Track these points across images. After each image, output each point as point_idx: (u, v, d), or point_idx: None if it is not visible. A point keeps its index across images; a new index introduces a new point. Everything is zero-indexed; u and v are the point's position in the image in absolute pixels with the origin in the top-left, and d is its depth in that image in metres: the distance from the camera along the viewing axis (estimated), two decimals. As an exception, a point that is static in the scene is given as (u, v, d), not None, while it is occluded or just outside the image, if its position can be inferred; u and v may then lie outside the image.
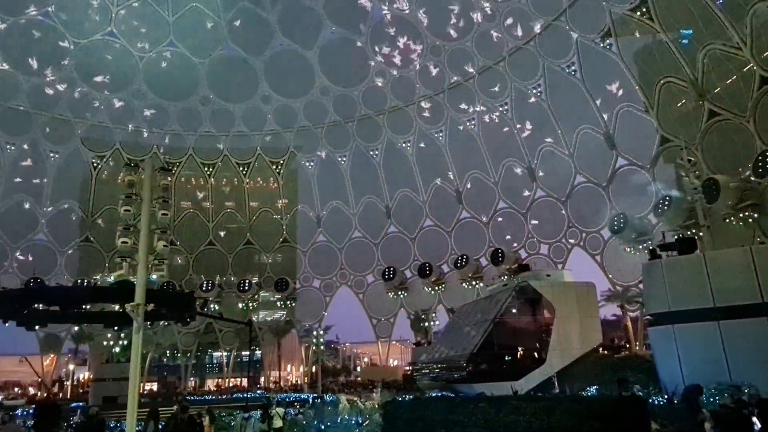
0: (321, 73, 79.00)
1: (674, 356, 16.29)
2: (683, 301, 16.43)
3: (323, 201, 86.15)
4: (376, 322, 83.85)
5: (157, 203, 14.05)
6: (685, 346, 16.17)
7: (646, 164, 59.47)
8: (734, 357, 15.09)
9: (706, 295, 16.01)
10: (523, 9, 63.51)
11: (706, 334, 15.84)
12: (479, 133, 74.73)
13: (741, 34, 45.68)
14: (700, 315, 15.95)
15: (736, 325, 15.48)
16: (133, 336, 12.98)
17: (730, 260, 16.74)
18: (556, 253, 70.40)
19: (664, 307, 16.79)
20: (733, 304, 15.53)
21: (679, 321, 16.43)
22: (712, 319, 15.75)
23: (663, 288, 16.98)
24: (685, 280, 16.69)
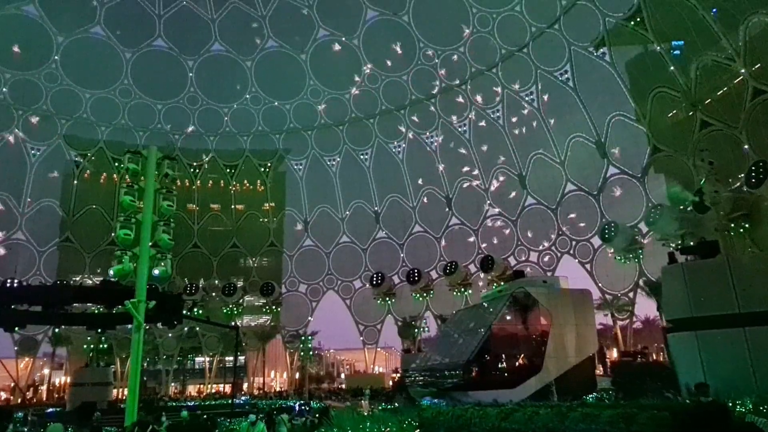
0: (313, 75, 78.19)
1: (697, 363, 15.78)
2: (707, 307, 15.94)
3: (311, 205, 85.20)
4: (363, 329, 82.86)
5: (160, 193, 13.10)
6: (708, 353, 15.68)
7: (637, 173, 59.68)
8: (760, 365, 14.66)
9: (730, 300, 15.56)
10: (516, 16, 63.54)
11: (731, 341, 15.38)
12: (470, 139, 74.49)
13: (734, 46, 46.07)
14: (725, 321, 15.49)
15: (762, 331, 15.05)
16: (133, 335, 12.05)
17: (756, 265, 16.38)
18: (545, 261, 70.29)
19: (686, 312, 16.26)
20: (759, 310, 15.11)
21: (702, 327, 15.95)
22: (738, 325, 15.31)
23: (684, 293, 16.48)
24: (709, 285, 16.22)
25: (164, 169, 13.16)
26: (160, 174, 13.13)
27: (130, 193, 12.69)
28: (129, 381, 11.82)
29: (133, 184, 12.84)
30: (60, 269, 75.55)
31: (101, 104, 75.96)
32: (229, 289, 78.51)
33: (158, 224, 12.79)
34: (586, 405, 9.88)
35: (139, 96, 77.33)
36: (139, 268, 12.10)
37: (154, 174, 12.83)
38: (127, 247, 12.51)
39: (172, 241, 13.13)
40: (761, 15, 43.85)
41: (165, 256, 12.87)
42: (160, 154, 13.44)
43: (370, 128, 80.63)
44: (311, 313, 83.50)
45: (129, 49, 74.95)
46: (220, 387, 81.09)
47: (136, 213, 12.82)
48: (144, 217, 12.38)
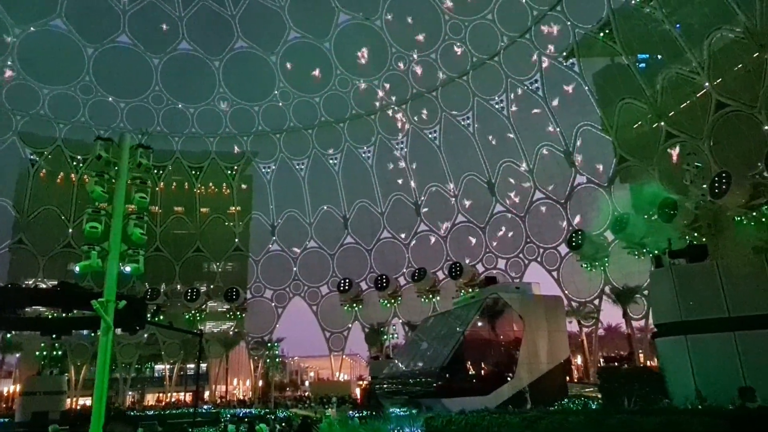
0: (282, 77, 77.02)
1: (687, 367, 15.71)
2: (696, 311, 15.89)
3: (278, 209, 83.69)
4: (330, 335, 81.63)
5: (133, 184, 12.14)
6: (699, 357, 15.62)
7: (604, 182, 60.74)
8: (750, 369, 14.66)
9: (720, 304, 15.55)
10: (488, 25, 64.07)
11: (721, 345, 15.37)
12: (441, 146, 74.60)
13: (699, 60, 47.40)
14: (715, 325, 15.46)
15: (752, 336, 15.07)
16: (101, 338, 11.03)
17: (745, 269, 16.44)
18: (513, 267, 70.74)
19: (676, 316, 16.19)
20: (749, 314, 15.14)
21: (692, 331, 15.88)
22: (728, 329, 15.30)
23: (673, 297, 16.41)
24: (698, 289, 16.21)
25: (138, 158, 12.20)
26: (134, 163, 12.16)
27: (101, 184, 11.66)
28: (95, 389, 10.80)
29: (104, 174, 11.82)
30: (11, 272, 71.94)
31: (60, 100, 72.95)
32: (192, 295, 76.25)
33: (130, 217, 11.81)
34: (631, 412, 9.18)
35: (101, 93, 74.63)
36: (108, 264, 11.11)
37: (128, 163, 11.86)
38: (94, 242, 11.48)
39: (144, 236, 12.16)
40: (724, 30, 45.30)
41: (137, 252, 11.88)
42: (134, 142, 12.48)
43: (339, 132, 79.90)
44: (277, 320, 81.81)
45: (91, 44, 72.30)
46: (180, 396, 78.42)
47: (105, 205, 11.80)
48: (115, 209, 11.40)
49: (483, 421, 9.55)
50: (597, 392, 37.47)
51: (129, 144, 12.17)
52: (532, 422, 8.85)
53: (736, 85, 44.72)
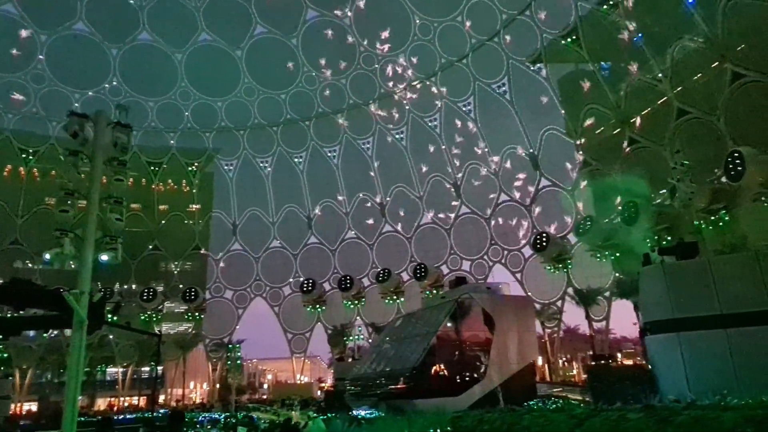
0: (247, 73, 75.27)
1: (679, 365, 15.72)
2: (688, 308, 15.92)
3: (241, 207, 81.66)
4: (291, 337, 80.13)
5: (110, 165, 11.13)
6: (691, 355, 15.64)
7: (568, 185, 61.79)
8: (742, 365, 14.76)
9: (712, 301, 15.62)
10: (458, 27, 64.32)
11: (713, 342, 15.42)
12: (407, 146, 74.44)
13: (662, 68, 48.73)
14: (707, 322, 15.51)
15: (744, 333, 15.18)
16: (74, 334, 10.01)
17: (736, 266, 16.61)
18: (477, 269, 71.14)
19: (667, 314, 16.18)
20: (740, 311, 15.25)
21: (684, 329, 15.89)
22: (720, 326, 15.37)
23: (665, 295, 16.41)
24: (690, 287, 16.26)
25: (114, 137, 11.19)
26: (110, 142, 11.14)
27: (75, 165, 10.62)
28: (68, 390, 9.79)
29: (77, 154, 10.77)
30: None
31: (9, 90, 69.03)
32: (148, 295, 73.44)
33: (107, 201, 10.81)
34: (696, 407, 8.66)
35: (54, 83, 71.08)
36: (83, 252, 10.10)
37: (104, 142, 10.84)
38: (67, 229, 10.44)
39: (121, 221, 11.17)
40: (686, 40, 46.73)
41: (114, 240, 10.89)
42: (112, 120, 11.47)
43: (305, 131, 78.70)
44: (237, 321, 79.78)
45: (45, 31, 68.78)
46: (134, 400, 75.33)
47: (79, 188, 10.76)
48: (90, 193, 10.39)
49: (521, 420, 8.88)
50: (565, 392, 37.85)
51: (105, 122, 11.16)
52: (581, 420, 8.22)
53: (696, 93, 46.11)
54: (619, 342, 78.46)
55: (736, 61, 42.00)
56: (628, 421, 7.94)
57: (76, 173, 10.48)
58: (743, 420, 7.33)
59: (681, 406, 8.28)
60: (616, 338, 76.84)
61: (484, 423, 9.60)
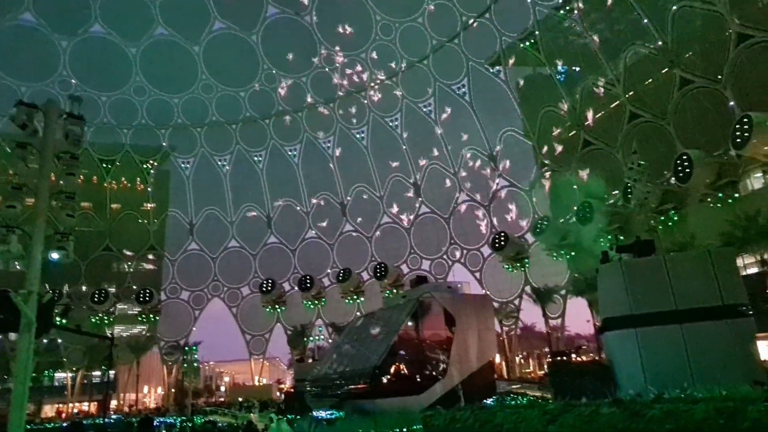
0: (205, 69, 73.62)
1: (636, 360, 16.19)
2: (645, 305, 16.45)
3: (198, 206, 79.79)
4: (250, 338, 78.88)
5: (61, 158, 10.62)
6: (648, 350, 16.15)
7: (525, 186, 63.04)
8: (697, 360, 15.34)
9: (668, 298, 16.17)
10: (419, 28, 64.70)
11: (669, 338, 15.96)
12: (368, 146, 74.40)
13: (615, 73, 50.34)
14: (663, 318, 16.06)
15: (698, 328, 15.79)
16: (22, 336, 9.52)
17: (690, 263, 17.26)
18: (437, 268, 71.75)
19: (626, 310, 16.66)
20: (694, 307, 15.85)
21: (641, 324, 16.40)
22: (675, 322, 15.94)
23: (623, 291, 16.90)
24: (647, 283, 16.79)
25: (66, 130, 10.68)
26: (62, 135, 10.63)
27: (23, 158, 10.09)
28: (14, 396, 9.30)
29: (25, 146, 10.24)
30: None
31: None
32: (100, 296, 70.86)
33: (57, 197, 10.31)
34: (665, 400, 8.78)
35: None
36: (31, 250, 9.61)
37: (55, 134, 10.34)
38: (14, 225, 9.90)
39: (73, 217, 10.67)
40: (638, 46, 48.42)
41: (65, 237, 10.40)
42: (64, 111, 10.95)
43: (265, 129, 77.62)
44: (194, 322, 77.96)
45: (-13, 20, 65.51)
46: (84, 406, 72.57)
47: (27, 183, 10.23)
48: (40, 188, 9.89)
49: (495, 417, 8.86)
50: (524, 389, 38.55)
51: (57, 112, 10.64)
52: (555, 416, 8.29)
53: (647, 97, 47.85)
54: (574, 339, 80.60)
55: (684, 67, 43.84)
56: (601, 416, 8.08)
57: (25, 167, 9.95)
58: (714, 412, 7.56)
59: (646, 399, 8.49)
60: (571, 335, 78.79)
61: (456, 421, 9.60)
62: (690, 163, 40.55)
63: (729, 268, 16.97)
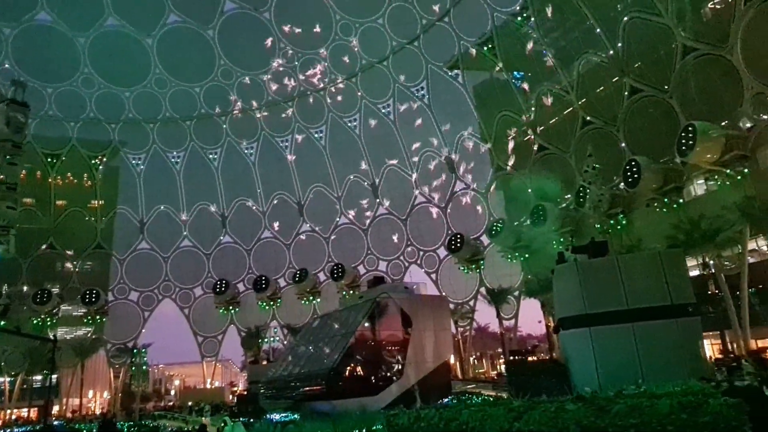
0: (159, 63, 71.44)
1: (590, 358, 16.60)
2: (599, 304, 16.90)
3: (149, 204, 77.33)
4: (202, 340, 76.96)
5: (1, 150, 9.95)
6: (601, 348, 16.58)
7: (481, 189, 63.99)
8: (646, 358, 15.88)
9: (620, 297, 16.67)
10: (379, 29, 64.75)
11: (621, 336, 16.45)
12: (326, 146, 73.92)
13: (569, 80, 51.76)
14: (616, 317, 16.55)
15: (647, 326, 16.34)
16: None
17: (641, 264, 17.83)
18: (394, 269, 71.94)
19: (580, 309, 17.08)
20: (645, 306, 16.40)
21: (595, 324, 16.84)
22: (627, 321, 16.44)
23: (578, 291, 17.32)
24: (601, 283, 17.26)
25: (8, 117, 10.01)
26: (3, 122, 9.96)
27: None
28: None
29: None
30: None
31: None
32: (42, 297, 67.67)
33: None
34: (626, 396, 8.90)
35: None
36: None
37: None
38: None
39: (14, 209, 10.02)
40: (590, 55, 49.98)
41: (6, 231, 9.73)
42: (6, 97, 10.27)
43: (220, 126, 76.00)
44: (143, 324, 75.46)
45: None
46: (23, 412, 69.08)
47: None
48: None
49: (460, 415, 8.82)
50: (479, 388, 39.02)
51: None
52: (521, 414, 8.32)
53: (599, 104, 49.44)
54: (525, 339, 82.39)
55: (634, 76, 45.51)
56: (566, 412, 8.21)
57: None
58: (678, 406, 7.81)
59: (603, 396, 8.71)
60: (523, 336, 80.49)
61: (421, 420, 9.54)
62: (638, 168, 42.12)
63: (678, 270, 17.71)
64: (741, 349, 37.90)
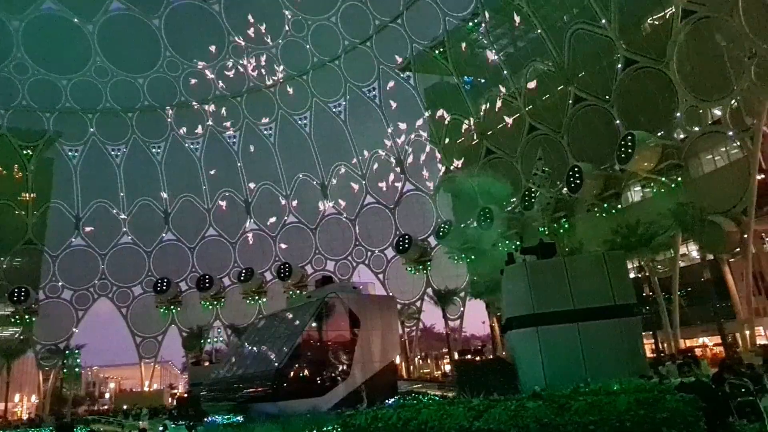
0: (99, 51, 68.27)
1: (537, 357, 17.00)
2: (547, 304, 17.35)
3: (86, 198, 73.76)
4: (141, 341, 74.12)
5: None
6: (548, 347, 17.01)
7: (430, 190, 64.70)
8: (590, 357, 16.45)
9: (567, 297, 17.17)
10: (331, 27, 64.38)
11: (567, 336, 16.93)
12: (276, 143, 72.80)
13: (516, 86, 53.13)
14: (562, 317, 17.02)
15: (592, 326, 16.92)
16: None
17: (587, 265, 18.43)
18: (342, 269, 71.65)
19: (529, 309, 17.50)
20: (589, 307, 16.96)
21: (543, 323, 17.27)
22: (573, 320, 16.95)
23: (527, 291, 17.72)
24: (549, 283, 17.73)
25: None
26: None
27: None
28: None
29: None
30: None
31: None
32: (-35, 295, 63.47)
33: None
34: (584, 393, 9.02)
35: None
36: None
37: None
38: None
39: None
40: (538, 63, 51.48)
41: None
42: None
43: (164, 119, 73.49)
44: (76, 324, 71.94)
45: None
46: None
47: None
48: None
49: (419, 414, 8.72)
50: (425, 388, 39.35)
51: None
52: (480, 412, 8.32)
53: (545, 111, 50.96)
54: (469, 340, 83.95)
55: (578, 85, 47.20)
56: (527, 410, 8.34)
57: None
58: (636, 403, 8.10)
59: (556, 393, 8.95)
60: (467, 336, 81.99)
61: (379, 420, 9.43)
62: (581, 174, 43.76)
63: (620, 271, 18.49)
64: (671, 348, 40.07)
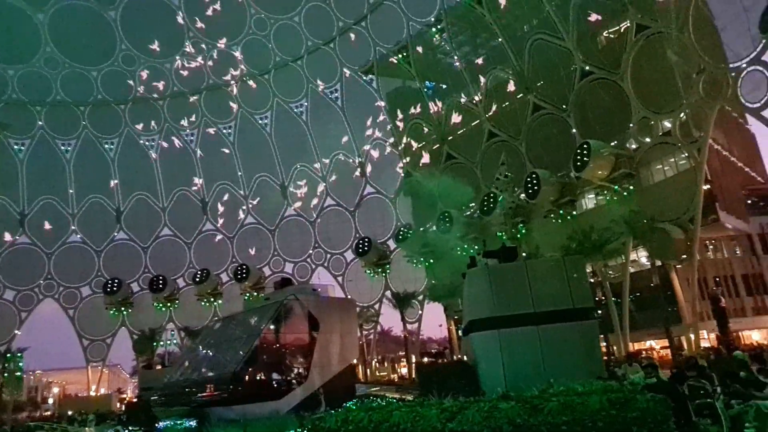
0: (50, 41, 65.46)
1: (498, 360, 17.20)
2: (508, 307, 17.59)
3: (32, 194, 70.54)
4: (88, 344, 71.34)
5: None
6: (508, 350, 17.24)
7: (390, 194, 64.88)
8: (549, 359, 16.75)
9: (527, 300, 17.46)
10: (294, 27, 63.83)
11: (527, 338, 17.22)
12: (235, 142, 71.52)
13: (477, 93, 53.91)
14: (522, 320, 17.30)
15: (551, 329, 17.25)
16: None
17: (547, 269, 18.80)
18: (300, 271, 70.91)
19: (490, 312, 17.70)
20: (549, 310, 17.30)
21: (503, 326, 17.50)
22: (533, 323, 17.25)
23: (488, 294, 17.93)
24: (510, 287, 17.99)
25: None
26: None
27: None
28: None
29: None
30: None
31: None
32: None
33: None
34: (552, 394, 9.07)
35: None
36: None
37: None
38: None
39: None
40: (499, 71, 52.43)
41: None
42: None
43: (119, 115, 71.14)
44: (19, 325, 68.68)
45: None
46: None
47: None
48: None
49: (391, 417, 8.60)
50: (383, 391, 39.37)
51: None
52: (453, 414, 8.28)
53: (504, 118, 51.90)
54: (427, 343, 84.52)
55: (537, 94, 48.34)
56: (500, 411, 8.41)
57: None
58: (608, 403, 8.30)
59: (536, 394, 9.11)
60: (424, 339, 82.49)
61: (349, 423, 9.31)
62: (538, 181, 44.81)
63: (579, 275, 18.97)
64: (621, 350, 41.45)
